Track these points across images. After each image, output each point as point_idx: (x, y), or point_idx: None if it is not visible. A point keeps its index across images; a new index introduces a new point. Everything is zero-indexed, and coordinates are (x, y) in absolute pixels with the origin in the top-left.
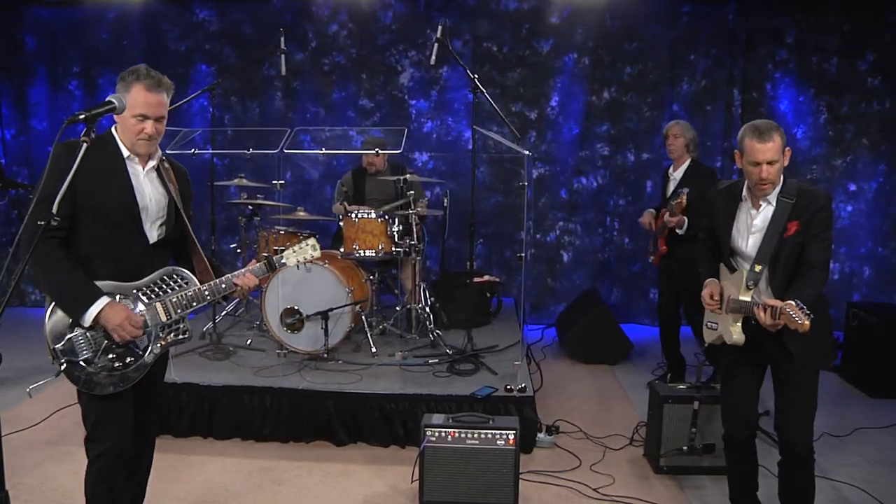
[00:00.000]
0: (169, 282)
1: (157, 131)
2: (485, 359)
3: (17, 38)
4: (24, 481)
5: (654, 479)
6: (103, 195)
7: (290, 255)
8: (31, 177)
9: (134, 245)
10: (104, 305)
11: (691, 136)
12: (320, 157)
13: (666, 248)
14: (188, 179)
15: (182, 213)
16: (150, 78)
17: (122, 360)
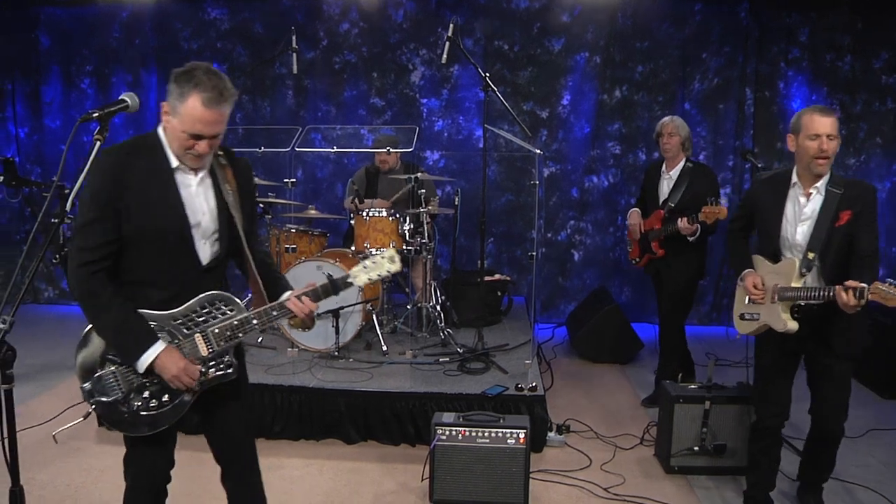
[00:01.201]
0: (211, 309)
1: (211, 148)
2: (495, 357)
3: (31, 38)
4: (36, 477)
5: (664, 478)
6: (149, 215)
7: (358, 272)
8: (44, 175)
9: (184, 268)
10: (160, 352)
11: (686, 134)
12: (331, 156)
13: (663, 252)
14: (250, 175)
15: (237, 225)
16: (211, 89)
17: (159, 398)
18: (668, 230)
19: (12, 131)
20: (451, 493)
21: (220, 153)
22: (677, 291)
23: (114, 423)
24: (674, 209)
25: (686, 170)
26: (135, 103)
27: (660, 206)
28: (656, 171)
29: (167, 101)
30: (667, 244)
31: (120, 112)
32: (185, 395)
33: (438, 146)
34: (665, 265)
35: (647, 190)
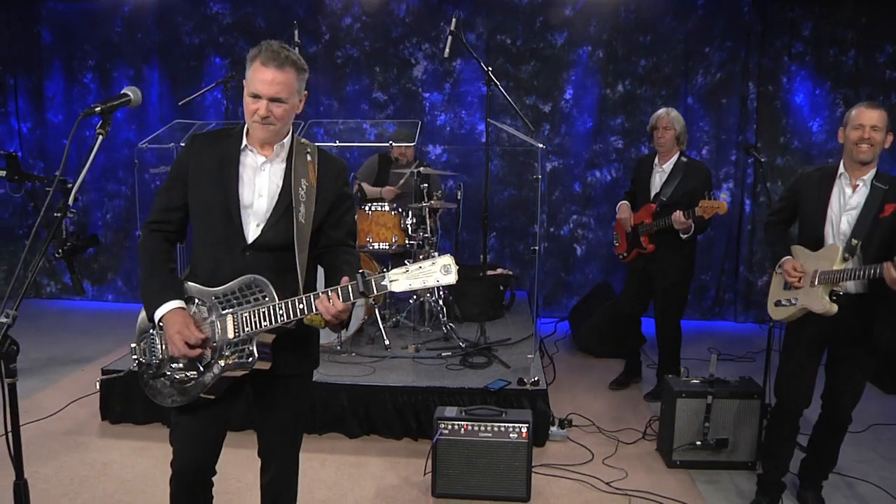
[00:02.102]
0: (247, 293)
1: (274, 115)
2: (498, 352)
3: (33, 32)
4: (40, 470)
5: (666, 473)
6: (206, 191)
7: (399, 275)
8: (46, 170)
9: (231, 247)
10: (170, 309)
11: (681, 128)
12: (334, 150)
13: (654, 247)
14: (340, 176)
15: (295, 214)
16: (271, 51)
17: (185, 372)
18: (659, 224)
19: (15, 126)
20: (453, 488)
21: (308, 150)
22: (671, 288)
23: (145, 385)
24: (665, 203)
25: (680, 164)
26: (137, 97)
27: (651, 200)
28: (648, 163)
29: None
30: (657, 239)
31: (122, 106)
32: (207, 374)
33: (441, 140)
34: (654, 261)
35: (637, 183)
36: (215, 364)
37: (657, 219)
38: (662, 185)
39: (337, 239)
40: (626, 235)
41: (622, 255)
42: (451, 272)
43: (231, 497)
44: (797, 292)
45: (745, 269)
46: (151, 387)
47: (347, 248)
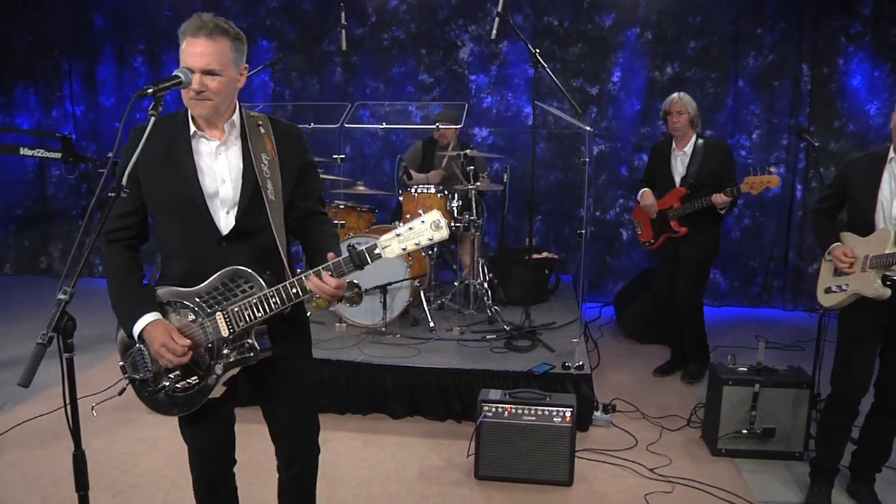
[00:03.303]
0: (232, 286)
1: (210, 89)
2: (542, 335)
3: (86, 18)
4: (92, 443)
5: (711, 461)
6: (164, 187)
7: (390, 240)
8: (98, 151)
9: (204, 241)
10: (147, 324)
11: (694, 111)
12: (379, 132)
13: (686, 229)
14: (298, 141)
15: (264, 192)
16: (198, 20)
17: (186, 379)
18: (694, 206)
19: (69, 109)
20: (496, 470)
21: (260, 122)
22: (695, 269)
23: (147, 402)
24: (695, 185)
25: (699, 145)
26: (188, 79)
27: (678, 184)
28: (666, 149)
29: None
30: (688, 221)
31: (173, 88)
32: (210, 377)
33: (487, 123)
34: (685, 242)
35: (656, 169)
36: (216, 365)
37: (688, 201)
38: (687, 167)
39: (309, 209)
40: (650, 222)
41: (648, 241)
42: (441, 227)
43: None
44: (848, 278)
45: (794, 255)
46: (153, 401)
47: (321, 217)
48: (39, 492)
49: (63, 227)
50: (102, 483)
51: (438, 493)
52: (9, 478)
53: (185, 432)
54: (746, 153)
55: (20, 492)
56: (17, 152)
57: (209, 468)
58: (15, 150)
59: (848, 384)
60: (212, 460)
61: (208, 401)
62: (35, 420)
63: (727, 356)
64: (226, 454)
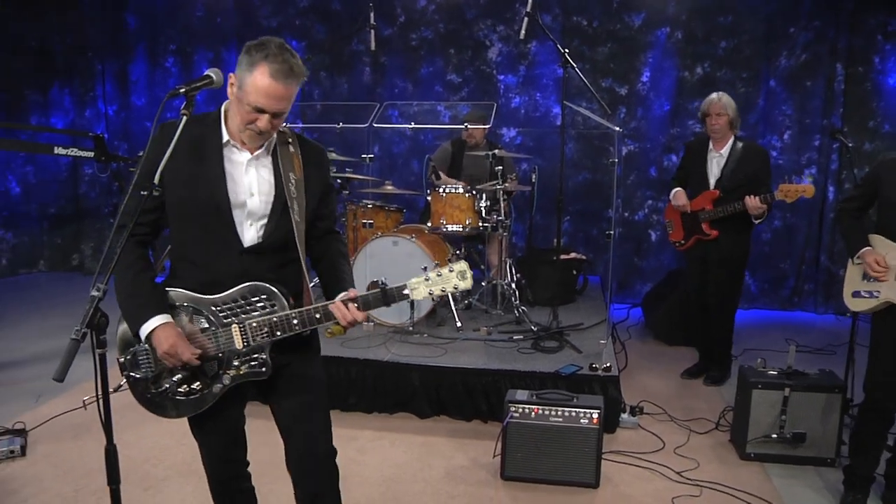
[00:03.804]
0: (252, 300)
1: (272, 127)
2: (569, 336)
3: (120, 19)
4: (123, 437)
5: (740, 465)
6: (188, 187)
7: (419, 284)
8: (130, 150)
9: (225, 250)
10: (157, 326)
11: (734, 112)
12: (408, 132)
13: (717, 233)
14: (323, 164)
15: (291, 212)
16: (281, 62)
17: (188, 384)
18: (727, 210)
19: (102, 109)
20: (522, 471)
21: (290, 139)
22: (729, 273)
23: (143, 401)
24: (728, 189)
25: (736, 148)
26: (219, 79)
27: (711, 187)
28: (701, 148)
29: (235, 73)
30: (719, 225)
31: (205, 88)
32: (215, 385)
33: (515, 123)
34: (716, 246)
35: (690, 169)
36: (224, 375)
37: (721, 205)
38: (722, 170)
39: (325, 228)
40: (681, 223)
41: (678, 242)
42: (466, 278)
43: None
44: (879, 285)
45: (826, 258)
46: (151, 401)
47: (335, 236)
48: (72, 484)
49: (95, 224)
50: (133, 476)
51: (464, 492)
52: (43, 469)
53: (195, 432)
54: (777, 154)
55: (54, 483)
56: (52, 151)
57: (220, 469)
58: (50, 150)
59: (883, 391)
60: (222, 461)
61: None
62: (67, 414)
63: (757, 359)
64: (236, 455)
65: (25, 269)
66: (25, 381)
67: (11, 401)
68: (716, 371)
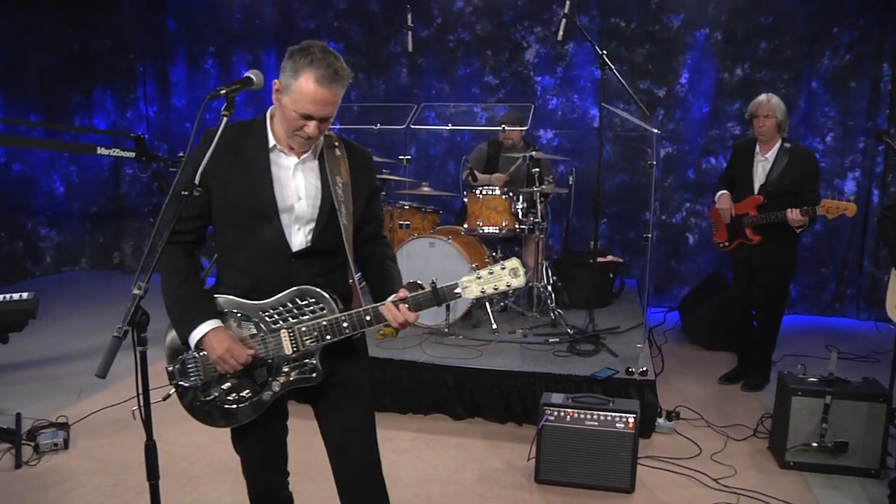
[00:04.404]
0: (301, 305)
1: (319, 132)
2: (606, 340)
3: (160, 21)
4: (162, 434)
5: (778, 473)
6: (237, 192)
7: (470, 282)
8: (170, 151)
9: (272, 255)
10: (208, 331)
11: (783, 115)
12: (444, 133)
13: (760, 238)
14: (370, 167)
15: (339, 216)
16: (326, 67)
17: (237, 392)
18: (769, 219)
19: (143, 110)
20: (556, 474)
21: (336, 143)
22: (775, 281)
23: (191, 410)
24: (773, 194)
25: (783, 151)
26: (259, 80)
27: (756, 192)
28: (748, 151)
29: (280, 79)
30: (762, 231)
31: (245, 89)
32: (265, 393)
33: (552, 125)
34: (759, 251)
35: (736, 171)
36: (274, 382)
37: (764, 211)
38: (767, 174)
39: (372, 232)
40: (725, 224)
41: (722, 244)
42: (519, 275)
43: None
44: None
45: (870, 263)
46: (200, 410)
47: (382, 241)
48: (112, 478)
49: (135, 224)
50: (171, 473)
51: (498, 495)
52: (83, 463)
53: (237, 443)
54: (819, 157)
55: (94, 477)
56: (95, 151)
57: (262, 479)
58: (93, 150)
59: None
60: (265, 472)
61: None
62: (107, 409)
63: (797, 365)
64: (279, 466)
65: (68, 267)
66: (68, 377)
67: (55, 395)
68: (754, 377)
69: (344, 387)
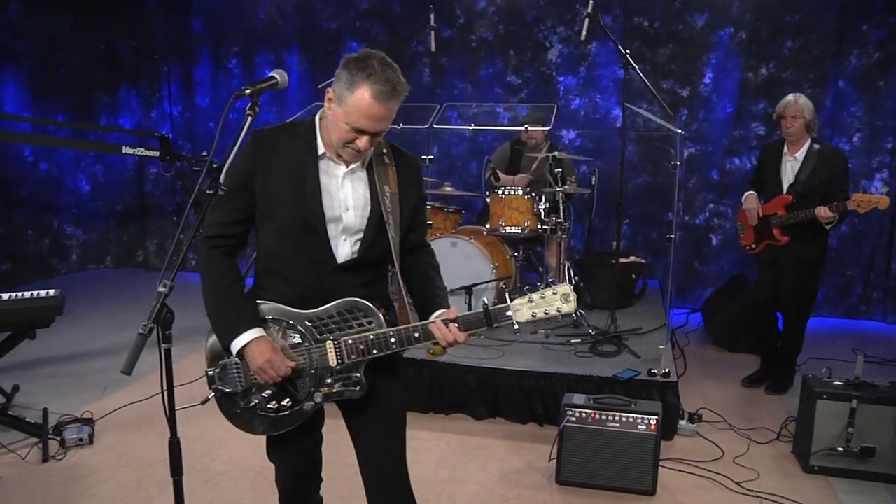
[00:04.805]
0: (348, 317)
1: (371, 146)
2: (628, 341)
3: (185, 22)
4: (185, 431)
5: (802, 478)
6: (281, 200)
7: (522, 305)
8: (194, 150)
9: (316, 265)
10: (251, 340)
11: (811, 115)
12: (466, 133)
13: (788, 239)
14: (418, 176)
15: (387, 227)
16: (384, 82)
17: (278, 401)
18: (798, 217)
19: (167, 110)
20: (578, 476)
21: (384, 150)
22: (803, 282)
23: (230, 415)
24: (802, 194)
25: (812, 151)
26: (284, 80)
27: (784, 191)
28: (776, 151)
29: (334, 88)
30: (790, 231)
31: (270, 89)
32: (307, 403)
33: (575, 125)
34: (787, 252)
35: (765, 171)
36: (317, 393)
37: (793, 211)
38: (796, 174)
39: (416, 241)
40: (752, 226)
41: (749, 246)
42: (570, 300)
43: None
44: None
45: None
46: (239, 416)
47: (427, 250)
48: (136, 473)
49: (158, 222)
50: (193, 469)
51: (519, 496)
52: (108, 459)
53: (272, 451)
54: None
55: (118, 472)
56: (121, 151)
57: (295, 486)
58: (118, 149)
59: None
60: (299, 479)
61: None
62: (131, 406)
63: (822, 368)
64: (312, 474)
65: (93, 265)
66: (93, 373)
67: (80, 391)
68: (778, 379)
69: (380, 400)
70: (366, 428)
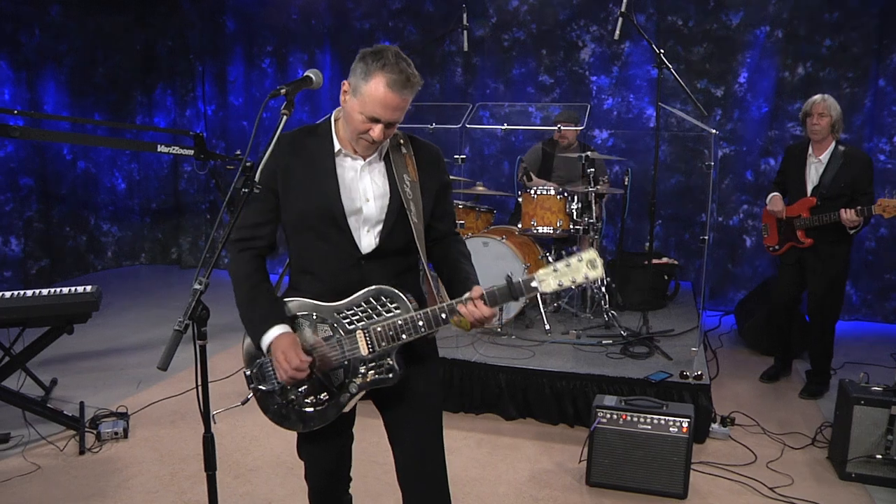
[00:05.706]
0: (376, 305)
1: (385, 137)
2: (660, 343)
3: (219, 22)
4: (218, 427)
5: (839, 485)
6: (303, 198)
7: (547, 275)
8: (227, 149)
9: (343, 258)
10: (275, 337)
11: (838, 115)
12: (499, 133)
13: (812, 241)
14: (439, 163)
15: (408, 214)
16: (399, 72)
17: (316, 395)
18: (822, 220)
19: (201, 109)
20: (608, 478)
21: (401, 141)
22: (827, 284)
23: (270, 413)
24: (826, 196)
25: (837, 153)
26: (318, 80)
27: (809, 193)
28: (801, 153)
29: (349, 80)
30: (814, 233)
31: (304, 88)
32: (343, 395)
33: (607, 125)
34: (811, 255)
35: (789, 173)
36: (351, 384)
37: (817, 213)
38: (820, 176)
39: (445, 230)
40: (777, 228)
41: (773, 247)
42: (597, 266)
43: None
44: None
45: None
46: (278, 413)
47: (456, 238)
48: (170, 467)
49: (192, 220)
50: (224, 464)
51: (549, 497)
52: (142, 452)
53: (303, 449)
54: (886, 158)
55: (153, 465)
56: (156, 149)
57: (325, 484)
58: (153, 147)
59: None
60: (329, 477)
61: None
62: (165, 401)
63: (859, 373)
64: (343, 472)
65: (128, 262)
66: (128, 368)
67: (115, 386)
68: (814, 385)
69: (417, 398)
70: (403, 427)
